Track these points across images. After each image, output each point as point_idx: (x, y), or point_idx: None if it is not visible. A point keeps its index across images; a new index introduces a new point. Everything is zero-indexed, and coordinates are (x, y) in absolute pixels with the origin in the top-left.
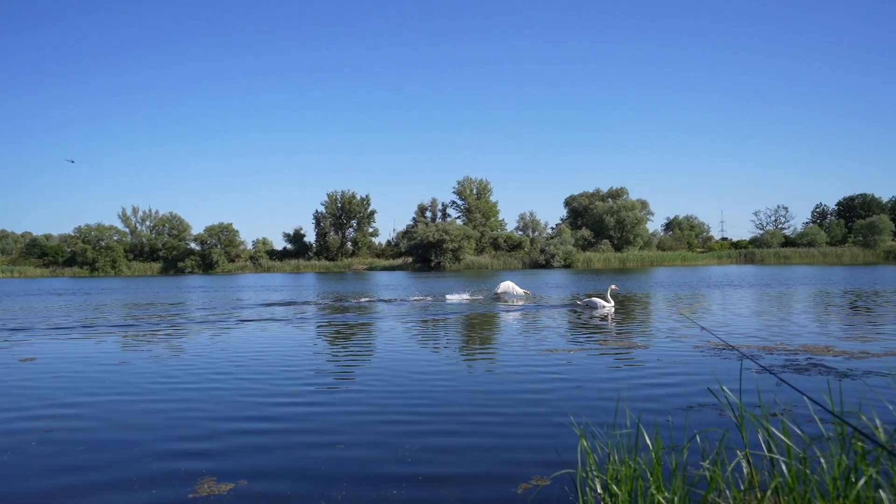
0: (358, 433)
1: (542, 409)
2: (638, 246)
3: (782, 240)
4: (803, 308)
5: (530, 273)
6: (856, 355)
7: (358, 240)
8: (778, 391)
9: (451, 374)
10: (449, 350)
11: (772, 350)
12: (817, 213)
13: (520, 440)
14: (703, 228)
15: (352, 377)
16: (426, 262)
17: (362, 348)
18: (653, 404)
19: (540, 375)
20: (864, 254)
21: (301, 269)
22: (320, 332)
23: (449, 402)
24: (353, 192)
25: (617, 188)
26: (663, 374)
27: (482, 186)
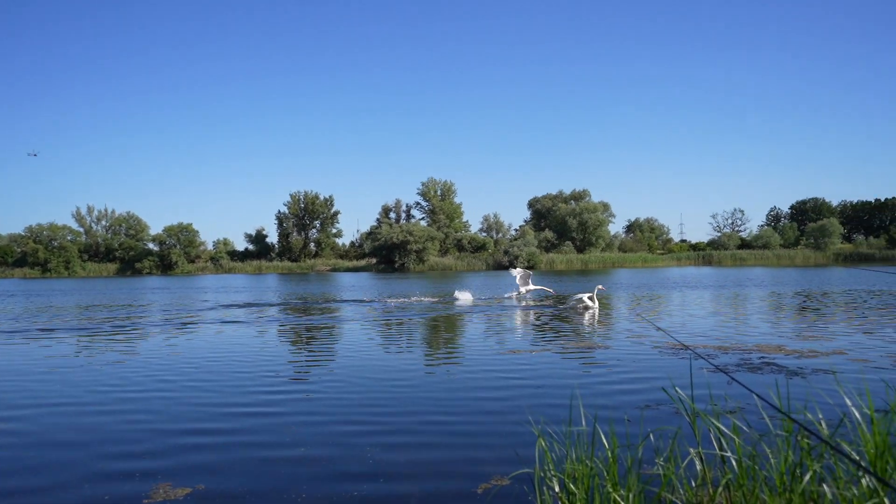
0: (318, 436)
1: (501, 409)
2: (600, 248)
3: (739, 242)
4: (757, 309)
5: (494, 274)
6: (805, 354)
7: (321, 241)
8: (730, 390)
9: (411, 376)
10: (410, 352)
11: (727, 350)
12: (772, 216)
13: (480, 441)
14: (664, 231)
15: (311, 380)
16: (390, 264)
17: (323, 351)
18: (611, 404)
19: (501, 376)
20: (815, 256)
21: (263, 271)
22: (280, 334)
23: (409, 404)
24: (316, 193)
25: (580, 190)
26: (622, 375)
27: (446, 188)
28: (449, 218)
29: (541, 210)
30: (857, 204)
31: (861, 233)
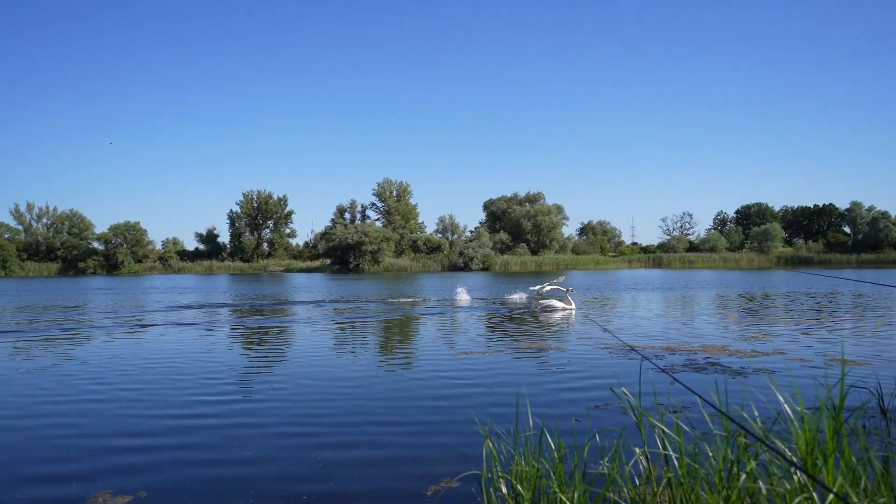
0: (265, 440)
1: (451, 411)
2: (554, 249)
3: (687, 245)
4: (704, 310)
5: (449, 275)
6: (748, 354)
7: (274, 241)
8: (676, 390)
9: (362, 378)
10: (362, 355)
11: (674, 350)
12: (718, 220)
13: (429, 443)
14: (615, 233)
15: (259, 384)
16: (345, 264)
17: (272, 354)
18: (560, 404)
19: (452, 378)
20: (758, 259)
21: (214, 271)
22: (229, 337)
23: (359, 407)
24: (269, 192)
25: (534, 193)
26: (572, 376)
27: (402, 189)
28: (404, 219)
29: (496, 212)
30: (798, 209)
31: (801, 237)
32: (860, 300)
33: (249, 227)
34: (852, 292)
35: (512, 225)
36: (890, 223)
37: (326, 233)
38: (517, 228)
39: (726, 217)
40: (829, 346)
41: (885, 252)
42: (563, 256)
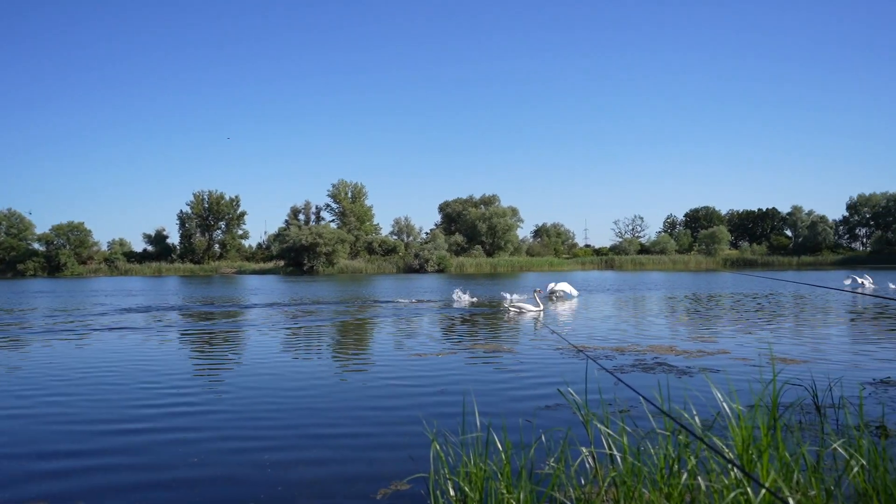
0: (212, 446)
1: (403, 413)
2: (508, 251)
3: (638, 247)
4: (653, 312)
5: (404, 277)
6: (694, 354)
7: (226, 242)
8: (623, 391)
9: (312, 382)
10: (313, 359)
11: (624, 351)
12: (668, 223)
13: (381, 446)
14: (569, 235)
15: (206, 390)
16: (299, 266)
17: (220, 359)
18: (511, 406)
19: (405, 381)
20: (706, 261)
21: (163, 273)
22: (177, 342)
23: (308, 412)
24: (221, 193)
25: (489, 195)
26: (523, 377)
27: (357, 190)
28: (360, 220)
29: (451, 214)
30: (743, 213)
31: (746, 239)
32: (800, 301)
33: (200, 228)
34: (792, 293)
35: (467, 227)
36: (827, 227)
37: (280, 234)
38: (472, 230)
39: (676, 220)
40: (771, 345)
41: (823, 255)
42: (518, 258)
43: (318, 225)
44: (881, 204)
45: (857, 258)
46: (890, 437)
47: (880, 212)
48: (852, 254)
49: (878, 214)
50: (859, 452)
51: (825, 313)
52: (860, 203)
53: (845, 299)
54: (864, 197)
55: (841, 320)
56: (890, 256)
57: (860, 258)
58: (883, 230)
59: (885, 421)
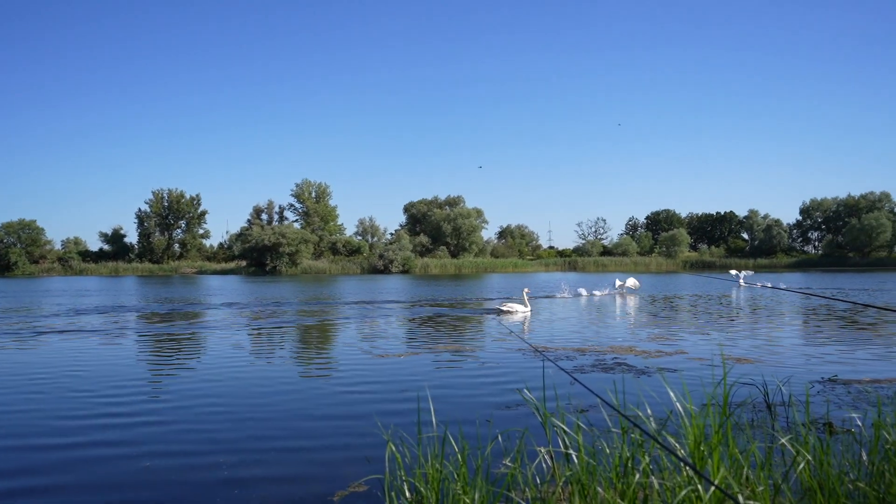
0: (167, 448)
1: (364, 415)
2: (473, 253)
3: (601, 249)
4: (614, 313)
5: (369, 278)
6: (653, 354)
7: (187, 241)
8: (582, 391)
9: (273, 383)
10: (273, 361)
11: (585, 351)
12: (630, 225)
13: (340, 448)
14: (533, 237)
15: (164, 392)
16: (261, 266)
17: (179, 361)
18: (472, 406)
19: (366, 382)
20: (666, 263)
21: (120, 273)
22: (132, 344)
23: (269, 413)
24: (181, 191)
25: (454, 196)
26: (485, 378)
27: (321, 190)
28: (323, 220)
29: (416, 215)
30: (702, 216)
31: (705, 242)
32: (755, 302)
33: (160, 227)
34: (748, 295)
35: (432, 228)
36: (782, 230)
37: (242, 234)
38: (437, 231)
39: (637, 223)
40: (727, 345)
41: (778, 257)
42: (483, 259)
43: (281, 225)
44: (832, 209)
45: (809, 261)
46: (835, 433)
47: (831, 216)
48: (805, 256)
49: (828, 219)
50: (805, 449)
51: (779, 315)
52: (812, 207)
53: (797, 301)
54: (816, 202)
55: (793, 321)
56: (840, 259)
57: (812, 261)
58: (833, 234)
59: (831, 418)
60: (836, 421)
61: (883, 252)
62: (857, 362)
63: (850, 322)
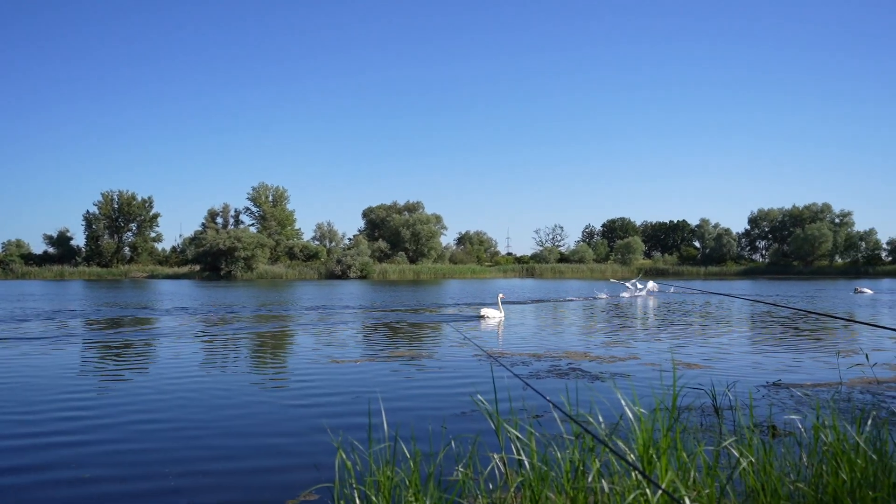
0: (113, 458)
1: (316, 422)
2: (432, 259)
3: (558, 256)
4: (570, 319)
5: (326, 284)
6: (606, 360)
7: (137, 245)
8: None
9: (223, 390)
10: (224, 368)
11: (540, 357)
12: (587, 232)
13: (291, 455)
14: (492, 243)
15: (109, 400)
16: (216, 271)
17: (126, 367)
18: (426, 412)
19: (319, 388)
20: (622, 270)
21: (66, 277)
22: (70, 355)
23: (217, 421)
24: (133, 193)
25: (413, 202)
26: (440, 384)
27: (279, 194)
28: (281, 225)
29: (375, 220)
30: (656, 224)
31: (658, 250)
32: (706, 308)
33: (109, 229)
34: (699, 301)
35: (391, 233)
36: (731, 239)
37: (196, 237)
38: (396, 237)
39: (594, 230)
40: (678, 350)
41: (727, 265)
42: (441, 266)
43: (236, 229)
44: (778, 219)
45: (756, 269)
46: (778, 436)
47: (777, 226)
48: (752, 265)
49: (775, 228)
50: (750, 451)
51: (728, 321)
52: (760, 217)
53: (746, 308)
54: (763, 212)
55: (742, 328)
56: (786, 268)
57: (759, 269)
58: (779, 243)
59: (774, 421)
60: (779, 424)
61: (824, 261)
62: (800, 367)
63: (794, 328)
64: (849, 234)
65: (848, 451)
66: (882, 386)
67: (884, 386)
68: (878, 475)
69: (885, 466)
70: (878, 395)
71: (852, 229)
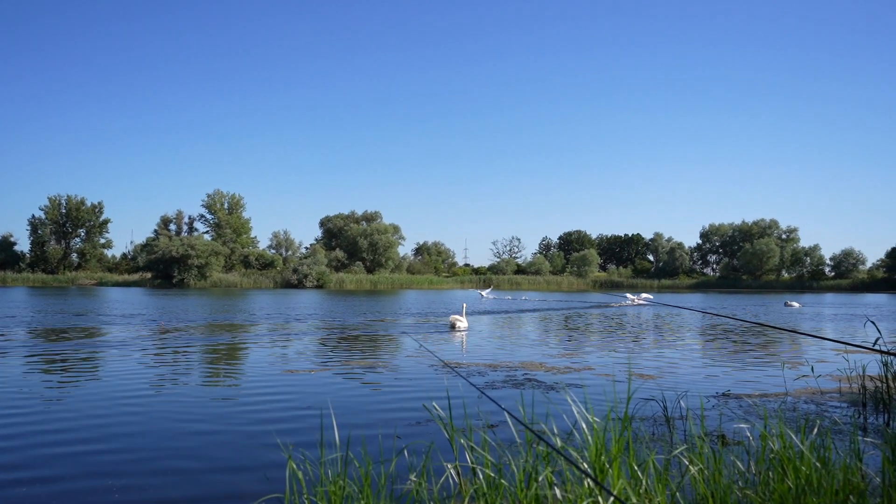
0: (51, 468)
1: (263, 433)
2: (389, 269)
3: (515, 267)
4: (525, 330)
5: (282, 293)
6: (561, 370)
7: (86, 251)
8: (490, 406)
9: (169, 404)
10: (175, 378)
11: (497, 367)
12: (543, 245)
13: (237, 468)
14: (449, 254)
15: (50, 413)
16: (168, 279)
17: (70, 378)
18: (380, 423)
19: (271, 398)
20: (577, 282)
21: (8, 283)
22: (8, 366)
23: (163, 432)
24: (82, 198)
25: (371, 212)
26: (395, 394)
27: (234, 201)
28: (236, 233)
29: (332, 229)
30: (611, 238)
31: (613, 263)
32: (658, 320)
33: (56, 235)
34: (654, 313)
35: (348, 243)
36: (684, 253)
37: (148, 244)
38: (353, 247)
39: (550, 242)
40: (631, 361)
41: (680, 279)
42: (399, 276)
43: (190, 236)
44: (728, 233)
45: (707, 282)
46: (727, 444)
47: (727, 240)
48: (704, 278)
49: (725, 243)
50: (700, 459)
51: (680, 333)
52: (711, 232)
53: (697, 321)
54: (714, 226)
55: (693, 340)
56: (735, 281)
57: (710, 282)
58: (729, 257)
59: (724, 430)
60: (728, 433)
61: (772, 275)
62: (748, 378)
63: (743, 342)
64: (795, 249)
65: (794, 458)
66: (825, 396)
67: (827, 396)
68: (821, 481)
69: (828, 473)
70: (822, 406)
71: (798, 245)
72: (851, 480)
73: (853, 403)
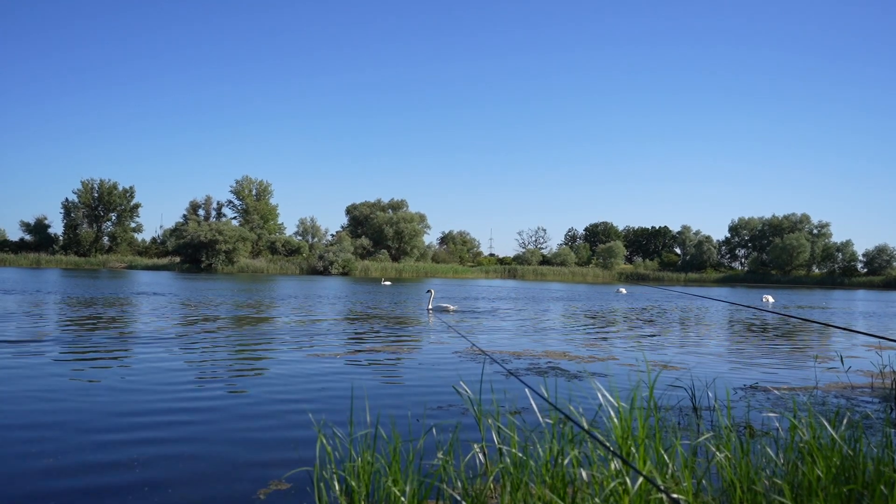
0: (76, 442)
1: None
2: (414, 257)
3: (540, 258)
4: (552, 320)
5: (307, 279)
6: (585, 359)
7: (117, 235)
8: (516, 392)
9: (198, 383)
10: (203, 358)
11: (520, 355)
12: (569, 236)
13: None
14: (474, 244)
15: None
16: (196, 263)
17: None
18: (406, 404)
19: (300, 380)
20: (603, 274)
21: (42, 265)
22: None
23: (191, 409)
24: (114, 182)
25: (398, 200)
26: (421, 377)
27: (262, 188)
28: (263, 219)
29: (358, 217)
30: (638, 230)
31: (640, 255)
32: (686, 313)
33: (88, 218)
34: (679, 306)
35: (374, 231)
36: (712, 246)
37: (177, 229)
38: (379, 234)
39: (576, 234)
40: (656, 352)
41: (707, 272)
42: (424, 264)
43: (218, 221)
44: (757, 227)
45: (735, 277)
46: (755, 436)
47: (756, 234)
48: (732, 272)
49: (754, 237)
50: (727, 447)
51: (707, 325)
52: (740, 226)
53: (725, 312)
54: (743, 220)
55: (720, 331)
56: (763, 276)
57: (738, 277)
58: (758, 252)
59: (751, 421)
60: (756, 425)
61: (802, 270)
62: (776, 371)
63: (774, 334)
64: (826, 245)
65: (824, 447)
66: (856, 391)
67: (857, 391)
68: (853, 471)
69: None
70: (853, 400)
71: (829, 240)
72: (883, 471)
73: (885, 399)
